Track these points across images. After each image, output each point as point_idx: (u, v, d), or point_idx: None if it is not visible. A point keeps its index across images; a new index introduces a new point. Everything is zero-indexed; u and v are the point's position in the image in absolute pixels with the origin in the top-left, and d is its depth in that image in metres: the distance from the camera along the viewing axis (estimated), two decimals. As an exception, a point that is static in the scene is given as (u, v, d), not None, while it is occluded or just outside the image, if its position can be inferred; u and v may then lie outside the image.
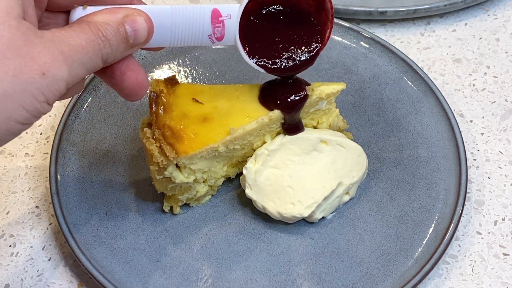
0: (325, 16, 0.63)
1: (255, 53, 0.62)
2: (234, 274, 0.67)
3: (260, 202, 0.68)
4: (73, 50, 0.46)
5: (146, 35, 0.52)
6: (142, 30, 0.52)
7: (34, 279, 0.69)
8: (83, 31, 0.47)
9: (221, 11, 0.57)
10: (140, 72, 0.54)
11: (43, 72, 0.44)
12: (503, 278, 0.69)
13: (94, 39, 0.48)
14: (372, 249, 0.68)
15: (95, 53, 0.48)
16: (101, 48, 0.48)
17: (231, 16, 0.58)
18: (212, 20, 0.56)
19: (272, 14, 0.62)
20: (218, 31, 0.57)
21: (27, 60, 0.43)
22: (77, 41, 0.46)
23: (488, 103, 0.83)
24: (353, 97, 0.80)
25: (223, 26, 0.57)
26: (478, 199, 0.75)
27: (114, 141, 0.76)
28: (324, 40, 0.64)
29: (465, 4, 0.90)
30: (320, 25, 0.63)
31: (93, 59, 0.48)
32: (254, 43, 0.62)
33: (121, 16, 0.50)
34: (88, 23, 0.48)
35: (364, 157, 0.71)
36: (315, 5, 0.62)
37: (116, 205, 0.71)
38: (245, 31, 0.60)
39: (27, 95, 0.43)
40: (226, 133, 0.66)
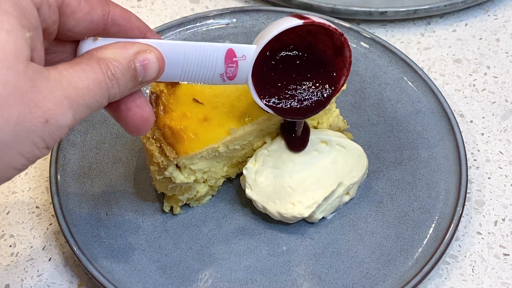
0: (342, 62, 0.62)
1: (266, 94, 0.61)
2: (234, 274, 0.67)
3: (260, 202, 0.68)
4: (80, 94, 0.44)
5: (156, 74, 0.51)
6: (153, 69, 0.50)
7: (34, 279, 0.69)
8: (92, 70, 0.46)
9: (236, 52, 0.55)
10: (146, 108, 0.52)
11: (47, 120, 0.42)
12: (503, 278, 0.69)
13: (102, 79, 0.46)
14: (372, 249, 0.68)
15: (102, 95, 0.46)
16: (108, 89, 0.47)
17: (246, 58, 0.56)
18: (226, 60, 0.55)
19: (287, 57, 0.61)
20: (230, 71, 0.56)
21: (31, 107, 0.41)
22: (84, 83, 0.45)
23: (488, 104, 0.83)
24: (353, 97, 0.80)
25: (236, 66, 0.56)
26: (478, 199, 0.75)
27: (114, 141, 0.76)
28: (338, 86, 0.63)
29: (465, 5, 0.90)
30: (335, 71, 0.62)
31: (99, 100, 0.46)
32: (266, 84, 0.61)
33: (132, 53, 0.49)
34: (97, 60, 0.47)
35: (364, 157, 0.71)
36: (332, 50, 0.61)
37: (116, 205, 0.71)
38: (258, 71, 0.59)
39: (28, 143, 0.42)
40: (227, 133, 0.66)
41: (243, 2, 0.95)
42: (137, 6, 0.94)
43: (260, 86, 0.60)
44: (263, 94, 0.61)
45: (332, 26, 0.59)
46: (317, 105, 0.63)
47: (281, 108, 0.62)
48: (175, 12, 0.93)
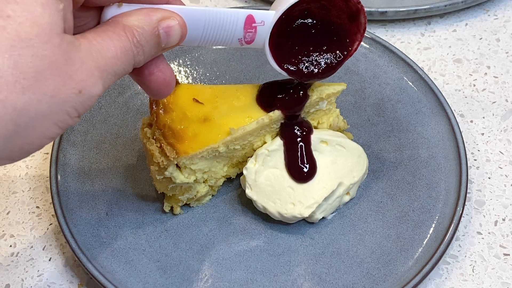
0: (357, 27, 0.62)
1: (281, 57, 0.62)
2: (235, 274, 0.67)
3: (261, 202, 0.68)
4: (109, 63, 0.46)
5: (178, 40, 0.52)
6: (176, 35, 0.51)
7: (35, 279, 0.69)
8: (118, 38, 0.47)
9: (255, 18, 0.56)
10: (168, 71, 0.53)
11: (80, 90, 0.44)
12: (504, 278, 0.69)
13: (129, 47, 0.47)
14: (372, 249, 0.68)
15: (128, 61, 0.48)
16: (134, 55, 0.48)
17: (264, 23, 0.57)
18: (245, 25, 0.56)
19: (304, 24, 0.62)
20: (249, 36, 0.57)
21: (65, 79, 0.43)
22: (112, 51, 0.46)
23: (488, 103, 0.83)
24: (354, 97, 0.80)
25: (255, 31, 0.57)
26: (478, 199, 0.75)
27: (115, 141, 0.76)
28: (352, 50, 0.64)
29: (466, 4, 0.90)
30: (349, 36, 0.63)
31: (125, 68, 0.48)
32: (281, 48, 0.61)
33: (156, 19, 0.49)
34: (123, 28, 0.48)
35: (365, 157, 0.71)
36: (347, 15, 0.62)
37: (116, 205, 0.71)
38: (275, 36, 0.60)
39: (62, 113, 0.44)
40: (227, 133, 0.66)
41: (243, 2, 0.95)
42: (137, 6, 0.94)
43: (275, 50, 0.61)
44: (278, 58, 0.62)
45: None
46: (330, 68, 0.64)
47: (295, 70, 0.63)
48: (175, 12, 0.93)
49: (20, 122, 0.41)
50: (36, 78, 0.41)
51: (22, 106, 0.41)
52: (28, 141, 0.43)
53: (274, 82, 0.68)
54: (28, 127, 0.42)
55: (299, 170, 0.68)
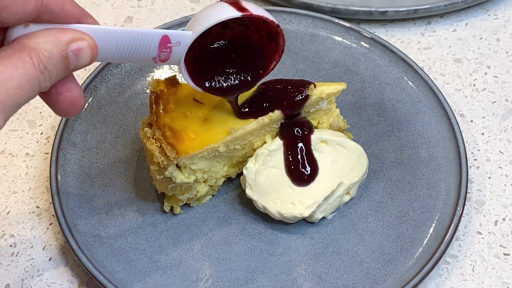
0: (275, 47, 0.62)
1: (198, 73, 0.61)
2: (235, 274, 0.67)
3: (261, 202, 0.68)
4: (11, 95, 0.44)
5: (88, 61, 0.50)
6: (85, 57, 0.49)
7: (35, 279, 0.69)
8: (23, 65, 0.44)
9: (171, 38, 0.55)
10: (76, 91, 0.51)
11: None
12: (504, 278, 0.69)
13: (34, 75, 0.45)
14: (372, 249, 0.68)
15: (33, 90, 0.46)
16: (40, 82, 0.46)
17: (180, 43, 0.56)
18: (160, 45, 0.55)
19: (220, 39, 0.62)
20: (163, 55, 0.56)
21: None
22: (16, 81, 0.44)
23: (488, 103, 0.83)
24: (354, 97, 0.80)
25: (170, 51, 0.56)
26: (478, 199, 0.75)
27: (115, 141, 0.76)
28: (269, 69, 0.64)
29: (466, 4, 0.90)
30: (267, 54, 0.63)
31: (29, 96, 0.46)
32: (198, 64, 0.61)
33: (65, 41, 0.47)
34: (29, 52, 0.45)
35: (365, 157, 0.71)
36: (267, 33, 0.61)
37: (116, 205, 0.71)
38: (192, 53, 0.59)
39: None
40: (227, 133, 0.66)
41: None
42: (137, 5, 0.94)
43: (192, 66, 0.60)
44: (195, 74, 0.61)
45: (269, 19, 0.59)
46: (247, 84, 0.64)
47: (211, 87, 0.63)
48: (175, 12, 0.93)
49: None
50: None
51: None
52: None
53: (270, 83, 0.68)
54: None
55: (299, 174, 0.68)
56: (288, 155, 0.68)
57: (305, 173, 0.68)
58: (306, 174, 0.68)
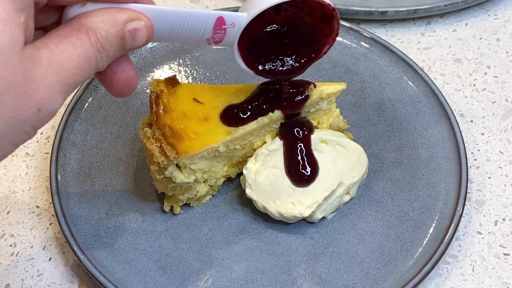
0: (328, 30, 0.62)
1: (249, 56, 0.61)
2: (235, 274, 0.67)
3: (261, 202, 0.68)
4: (70, 75, 0.44)
5: (144, 41, 0.50)
6: (142, 37, 0.49)
7: (35, 279, 0.69)
8: (81, 44, 0.45)
9: (226, 20, 0.55)
10: (131, 71, 0.51)
11: (39, 109, 0.42)
12: (504, 278, 0.69)
13: (92, 54, 0.45)
14: (372, 249, 0.68)
15: (90, 69, 0.46)
16: (97, 62, 0.46)
17: (235, 25, 0.56)
18: (215, 27, 0.54)
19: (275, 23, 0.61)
20: (218, 37, 0.56)
21: (25, 99, 0.41)
22: (75, 61, 0.44)
23: (488, 103, 0.83)
24: (354, 97, 0.80)
25: (224, 33, 0.56)
26: (478, 199, 0.75)
27: (115, 141, 0.76)
28: (321, 53, 0.63)
29: (466, 4, 0.90)
30: (320, 37, 0.62)
31: (87, 76, 0.46)
32: (250, 47, 0.61)
33: (122, 21, 0.47)
34: (87, 31, 0.45)
35: (365, 157, 0.71)
36: (320, 15, 0.61)
37: (116, 205, 0.71)
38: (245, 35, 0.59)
39: (19, 132, 0.42)
40: (227, 133, 0.66)
41: (243, 1, 0.95)
42: (137, 6, 0.94)
43: (244, 48, 0.60)
44: (247, 56, 0.61)
45: (325, 2, 0.58)
46: (299, 68, 0.64)
47: (263, 69, 0.63)
48: (175, 12, 0.93)
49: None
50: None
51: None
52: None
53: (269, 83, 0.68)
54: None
55: (299, 175, 0.68)
56: (288, 156, 0.68)
57: (305, 174, 0.67)
58: (306, 175, 0.68)
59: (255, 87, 0.69)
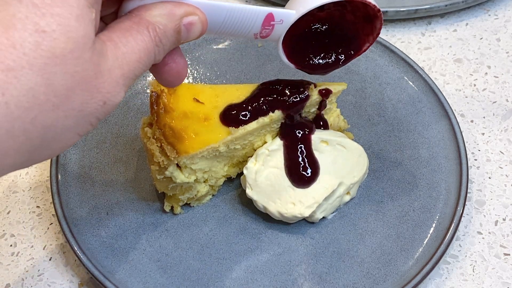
0: (370, 29, 0.62)
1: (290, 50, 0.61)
2: (235, 274, 0.67)
3: (261, 202, 0.68)
4: (132, 69, 0.45)
5: (198, 35, 0.51)
6: (196, 31, 0.50)
7: (35, 278, 0.69)
8: (142, 38, 0.46)
9: (275, 16, 0.56)
10: (182, 62, 0.52)
11: (105, 102, 0.44)
12: (504, 278, 0.69)
13: (151, 48, 0.47)
14: (373, 249, 0.68)
15: (149, 62, 0.47)
16: (155, 55, 0.47)
17: (283, 22, 0.57)
18: (264, 23, 0.55)
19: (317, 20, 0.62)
20: (265, 32, 0.56)
21: (93, 93, 0.43)
22: (137, 55, 0.45)
23: (489, 103, 0.83)
24: (354, 97, 0.80)
25: (272, 29, 0.57)
26: (478, 199, 0.75)
27: (115, 141, 0.76)
28: (361, 51, 0.64)
29: (466, 4, 0.90)
30: (361, 35, 0.63)
31: (145, 69, 0.47)
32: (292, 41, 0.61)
33: (179, 15, 0.48)
34: (147, 25, 0.46)
35: (365, 157, 0.71)
36: (363, 14, 0.61)
37: (117, 205, 0.71)
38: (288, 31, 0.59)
39: (86, 124, 0.44)
40: (227, 133, 0.66)
41: (243, 1, 0.95)
42: (137, 6, 0.93)
43: (286, 43, 0.60)
44: (288, 51, 0.61)
45: (371, 3, 0.59)
46: (336, 64, 0.64)
47: (302, 63, 0.63)
48: (175, 12, 0.93)
49: (46, 137, 0.42)
50: (66, 95, 0.41)
51: (50, 123, 0.41)
52: (50, 152, 0.43)
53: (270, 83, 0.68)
54: (53, 140, 0.42)
55: (299, 176, 0.67)
56: (288, 157, 0.68)
57: (305, 175, 0.67)
58: (307, 176, 0.67)
59: (256, 87, 0.69)
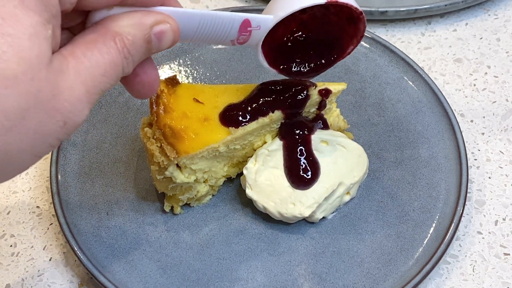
0: (354, 31, 0.61)
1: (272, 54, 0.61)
2: (235, 274, 0.67)
3: (261, 202, 0.68)
4: (97, 83, 0.43)
5: (169, 45, 0.49)
6: (167, 41, 0.48)
7: (35, 279, 0.69)
8: (108, 51, 0.43)
9: (252, 22, 0.54)
10: (154, 73, 0.50)
11: (65, 122, 0.41)
12: (504, 278, 0.69)
13: (119, 61, 0.44)
14: (373, 249, 0.68)
15: (117, 76, 0.45)
16: (123, 68, 0.45)
17: (260, 28, 0.55)
18: (240, 29, 0.54)
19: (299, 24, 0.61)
20: (242, 38, 0.55)
21: (51, 113, 0.40)
22: (101, 68, 0.43)
23: (488, 103, 0.83)
24: (354, 97, 0.80)
25: (249, 35, 0.55)
26: (478, 199, 0.75)
27: (115, 141, 0.76)
28: (345, 53, 0.63)
29: (466, 4, 0.90)
30: (344, 37, 0.62)
31: (112, 84, 0.45)
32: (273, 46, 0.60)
33: (149, 24, 0.46)
34: (114, 36, 0.44)
35: (365, 157, 0.71)
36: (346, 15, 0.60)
37: (116, 205, 0.71)
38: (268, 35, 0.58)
39: (44, 146, 0.42)
40: (227, 133, 0.66)
41: (243, 1, 0.95)
42: (137, 6, 0.93)
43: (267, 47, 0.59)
44: (269, 55, 0.60)
45: (353, 6, 0.58)
46: (321, 68, 0.64)
47: (285, 68, 0.62)
48: (175, 12, 0.93)
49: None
50: (20, 116, 0.39)
51: (3, 147, 0.39)
52: (3, 175, 0.41)
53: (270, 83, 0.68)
54: (7, 163, 0.40)
55: (299, 178, 0.67)
56: (288, 158, 0.68)
57: (305, 177, 0.67)
58: (307, 178, 0.67)
59: (256, 87, 0.69)
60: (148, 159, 0.67)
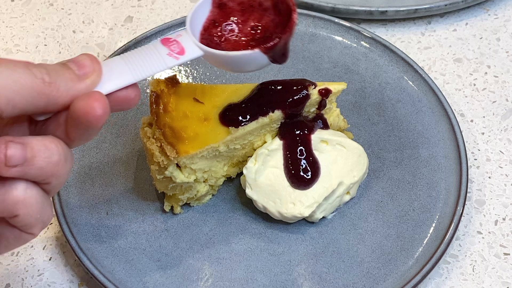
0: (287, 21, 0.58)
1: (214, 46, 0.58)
2: (235, 273, 0.67)
3: (261, 202, 0.68)
4: None
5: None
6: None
7: (35, 278, 0.69)
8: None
9: (170, 36, 0.55)
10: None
11: None
12: (504, 278, 0.69)
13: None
14: (372, 249, 0.68)
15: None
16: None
17: (182, 34, 0.55)
18: (164, 44, 0.54)
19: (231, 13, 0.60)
20: (174, 48, 0.54)
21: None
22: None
23: (488, 103, 0.83)
24: (354, 97, 0.80)
25: (177, 43, 0.55)
26: (478, 198, 0.75)
27: (115, 141, 0.76)
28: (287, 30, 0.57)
29: (466, 4, 0.90)
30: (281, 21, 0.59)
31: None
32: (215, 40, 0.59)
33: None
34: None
35: (365, 156, 0.71)
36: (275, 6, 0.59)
37: (116, 204, 0.71)
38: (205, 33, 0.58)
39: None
40: (227, 132, 0.66)
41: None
42: (137, 5, 0.94)
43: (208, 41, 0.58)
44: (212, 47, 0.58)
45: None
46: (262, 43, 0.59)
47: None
48: (175, 12, 0.93)
49: None
50: None
51: None
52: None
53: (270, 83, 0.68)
54: None
55: (299, 178, 0.67)
56: (288, 157, 0.68)
57: (305, 177, 0.67)
58: (306, 178, 0.67)
59: (255, 87, 0.69)
60: (148, 158, 0.67)
